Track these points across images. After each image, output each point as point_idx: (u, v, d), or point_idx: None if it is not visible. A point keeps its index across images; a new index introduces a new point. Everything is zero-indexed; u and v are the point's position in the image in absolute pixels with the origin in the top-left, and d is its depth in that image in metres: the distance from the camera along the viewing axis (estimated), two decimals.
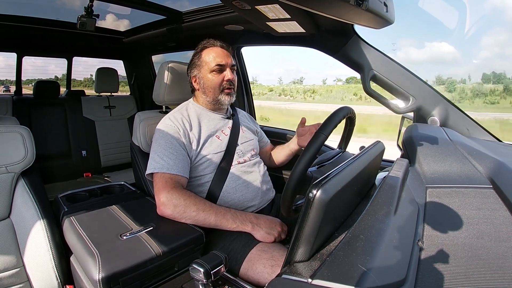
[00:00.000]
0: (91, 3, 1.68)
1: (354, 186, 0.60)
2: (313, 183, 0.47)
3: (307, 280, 0.42)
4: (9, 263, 0.91)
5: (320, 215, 0.45)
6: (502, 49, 40.32)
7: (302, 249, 0.47)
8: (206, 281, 0.62)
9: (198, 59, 1.17)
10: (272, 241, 0.95)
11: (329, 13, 0.54)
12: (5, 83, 13.27)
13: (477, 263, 0.51)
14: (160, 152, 1.03)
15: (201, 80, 1.16)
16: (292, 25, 1.11)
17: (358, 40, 1.22)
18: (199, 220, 0.93)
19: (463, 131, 1.10)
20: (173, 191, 0.95)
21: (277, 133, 1.75)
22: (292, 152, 1.34)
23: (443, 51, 42.38)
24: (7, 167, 0.93)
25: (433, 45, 44.75)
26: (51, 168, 2.31)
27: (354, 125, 1.03)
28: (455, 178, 0.75)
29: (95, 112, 2.55)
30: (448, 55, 42.15)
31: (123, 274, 0.73)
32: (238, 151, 1.15)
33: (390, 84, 1.19)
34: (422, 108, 1.16)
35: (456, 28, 38.92)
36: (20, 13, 1.90)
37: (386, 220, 0.52)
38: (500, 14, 48.29)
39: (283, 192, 0.74)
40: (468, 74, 35.88)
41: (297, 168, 0.73)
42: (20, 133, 0.97)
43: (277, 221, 1.01)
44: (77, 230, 0.88)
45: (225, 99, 1.15)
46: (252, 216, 0.99)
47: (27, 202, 0.95)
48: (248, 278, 0.88)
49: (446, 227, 0.60)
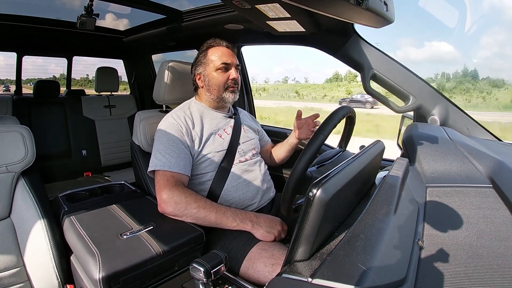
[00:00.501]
0: (91, 3, 1.68)
1: (354, 186, 0.60)
2: (313, 182, 0.47)
3: (307, 279, 0.42)
4: (9, 262, 0.91)
5: (320, 215, 0.45)
6: (502, 49, 40.26)
7: (302, 248, 0.47)
8: (206, 280, 0.62)
9: (204, 57, 1.18)
10: (272, 240, 0.95)
11: (329, 12, 0.54)
12: (5, 83, 13.27)
13: (477, 262, 0.51)
14: (162, 150, 1.03)
15: (206, 77, 1.16)
16: (292, 24, 1.11)
17: (358, 39, 1.22)
18: (200, 218, 0.93)
19: (463, 130, 1.10)
20: (174, 188, 0.95)
21: (277, 132, 1.75)
22: (292, 146, 1.35)
23: (442, 50, 42.39)
24: (7, 166, 0.93)
25: (432, 44, 44.68)
26: (51, 168, 2.31)
27: (354, 124, 1.03)
28: (455, 177, 0.75)
29: (95, 111, 2.55)
30: (447, 54, 42.15)
31: (124, 273, 0.73)
32: (240, 150, 1.15)
33: (390, 83, 1.18)
34: (422, 107, 1.16)
35: (456, 27, 38.68)
36: (20, 13, 1.90)
37: (386, 219, 0.52)
38: (499, 14, 48.20)
39: (283, 192, 0.74)
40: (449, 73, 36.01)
41: (297, 167, 0.73)
42: (20, 133, 0.97)
43: (277, 220, 1.01)
44: (77, 229, 0.88)
45: (229, 96, 1.16)
46: (252, 215, 0.99)
47: (28, 201, 0.95)
48: (248, 277, 0.89)
49: (446, 227, 0.60)
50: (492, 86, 27.24)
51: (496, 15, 49.18)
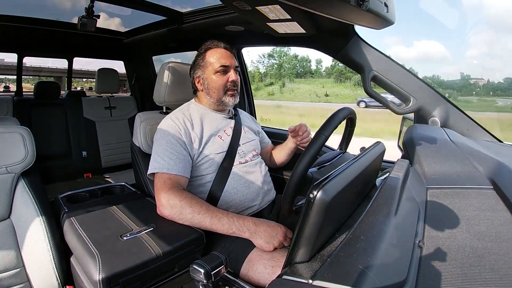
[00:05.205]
0: (91, 4, 1.68)
1: (355, 187, 0.60)
2: (314, 184, 0.47)
3: (307, 281, 0.42)
4: (9, 263, 0.91)
5: (321, 216, 0.45)
6: (489, 48, 40.05)
7: (302, 250, 0.47)
8: (206, 282, 0.62)
9: (202, 60, 1.17)
10: (271, 250, 0.90)
11: (330, 13, 0.54)
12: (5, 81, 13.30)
13: (478, 264, 0.51)
14: (161, 152, 1.03)
15: (205, 81, 1.15)
16: (293, 26, 1.11)
17: (359, 40, 1.22)
18: (195, 223, 0.92)
19: (464, 132, 1.10)
20: (170, 191, 0.95)
21: (278, 133, 1.76)
22: (290, 150, 1.33)
23: (432, 50, 42.33)
24: (8, 167, 0.93)
25: (421, 44, 44.58)
26: (51, 169, 2.30)
27: (355, 126, 1.03)
28: (456, 179, 0.75)
29: (95, 112, 2.55)
30: (437, 54, 42.10)
31: (123, 274, 0.73)
32: (240, 151, 1.15)
33: (391, 84, 1.19)
34: (423, 109, 1.16)
35: (449, 27, 38.48)
36: (21, 14, 1.91)
37: (386, 221, 0.52)
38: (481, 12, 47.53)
39: (284, 193, 0.74)
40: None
41: (298, 169, 0.73)
42: (20, 134, 0.97)
43: (279, 229, 0.93)
44: (77, 230, 0.88)
45: (229, 100, 1.15)
46: (251, 223, 0.93)
47: (28, 202, 0.95)
48: (248, 278, 0.88)
49: (447, 228, 0.60)
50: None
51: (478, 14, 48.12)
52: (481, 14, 50.79)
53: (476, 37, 50.82)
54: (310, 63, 31.17)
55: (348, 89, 26.37)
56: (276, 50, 31.28)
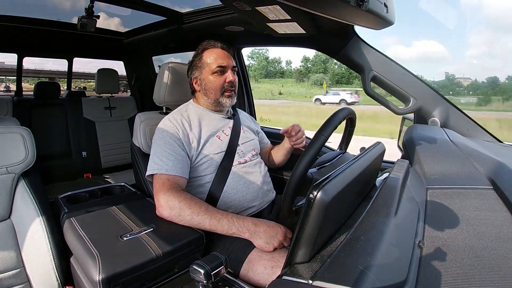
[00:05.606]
0: (91, 4, 1.68)
1: (355, 187, 0.60)
2: (314, 184, 0.47)
3: (307, 282, 0.42)
4: (9, 263, 0.91)
5: (321, 217, 0.45)
6: (489, 48, 40.23)
7: (302, 250, 0.47)
8: (206, 282, 0.62)
9: (199, 60, 1.16)
10: (270, 250, 0.90)
11: (330, 14, 0.54)
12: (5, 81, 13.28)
13: (478, 264, 0.51)
14: (159, 153, 1.03)
15: (203, 81, 1.15)
16: (293, 26, 1.11)
17: (359, 41, 1.22)
18: (194, 224, 0.92)
19: (464, 132, 1.10)
20: (169, 192, 0.94)
21: (277, 134, 1.75)
22: (287, 150, 1.33)
23: (431, 49, 42.49)
24: (8, 167, 0.93)
25: (420, 44, 44.79)
26: (51, 169, 2.30)
27: (355, 126, 1.03)
28: (456, 179, 0.75)
29: (95, 113, 2.55)
30: (436, 53, 42.21)
31: (123, 275, 0.73)
32: (239, 151, 1.15)
33: (391, 85, 1.19)
34: (423, 109, 1.16)
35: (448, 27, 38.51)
36: (21, 14, 1.91)
37: (386, 221, 0.52)
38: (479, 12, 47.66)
39: (284, 193, 0.74)
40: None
41: (298, 169, 0.73)
42: (20, 134, 0.97)
43: (278, 230, 0.93)
44: (77, 231, 0.88)
45: (226, 101, 1.15)
46: (251, 223, 0.93)
47: (28, 203, 0.95)
48: (248, 279, 0.88)
49: (447, 228, 0.60)
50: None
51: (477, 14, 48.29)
52: (481, 14, 50.86)
53: (475, 37, 50.89)
54: (281, 64, 32.77)
55: (304, 88, 28.01)
56: (255, 52, 32.73)
